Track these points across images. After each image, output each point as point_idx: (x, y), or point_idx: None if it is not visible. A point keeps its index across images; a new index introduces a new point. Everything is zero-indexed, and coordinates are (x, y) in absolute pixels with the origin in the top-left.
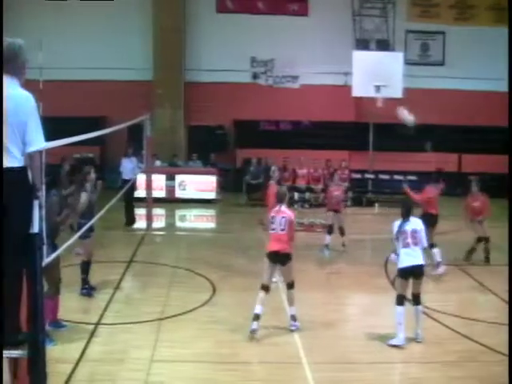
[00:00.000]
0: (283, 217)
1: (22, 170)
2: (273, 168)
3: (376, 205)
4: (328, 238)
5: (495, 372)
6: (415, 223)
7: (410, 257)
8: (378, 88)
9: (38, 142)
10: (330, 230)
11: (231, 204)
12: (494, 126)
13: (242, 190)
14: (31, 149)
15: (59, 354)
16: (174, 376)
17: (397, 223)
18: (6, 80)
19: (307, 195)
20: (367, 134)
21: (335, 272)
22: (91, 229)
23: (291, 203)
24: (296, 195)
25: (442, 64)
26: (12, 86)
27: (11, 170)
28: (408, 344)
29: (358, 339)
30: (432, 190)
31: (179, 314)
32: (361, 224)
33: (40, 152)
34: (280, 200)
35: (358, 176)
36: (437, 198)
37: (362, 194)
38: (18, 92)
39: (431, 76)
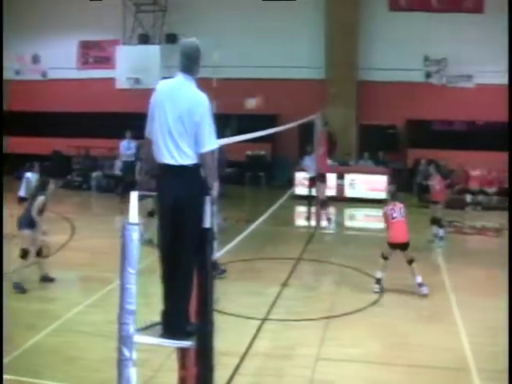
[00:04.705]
0: (400, 207)
1: (193, 168)
2: (431, 169)
3: None
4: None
5: None
6: None
7: None
8: None
9: (211, 143)
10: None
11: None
12: None
13: (412, 191)
14: (203, 150)
15: (226, 346)
16: (341, 375)
17: None
18: (183, 78)
19: (480, 198)
20: None
21: None
22: None
23: (462, 206)
24: (468, 197)
25: None
26: (188, 86)
27: (184, 167)
28: None
29: None
30: None
31: (347, 314)
32: None
33: (212, 152)
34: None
35: None
36: None
37: None
38: (194, 92)
39: None
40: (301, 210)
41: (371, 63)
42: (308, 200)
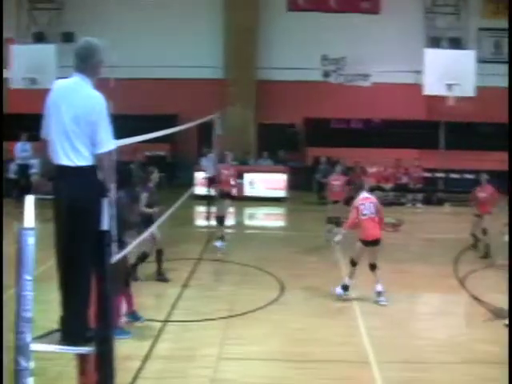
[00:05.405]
0: (371, 202)
1: (90, 169)
2: (337, 168)
3: (446, 204)
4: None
5: None
6: None
7: None
8: (449, 86)
9: (107, 143)
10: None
11: (301, 202)
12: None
13: (312, 189)
14: (100, 150)
15: (127, 350)
16: (242, 373)
17: None
18: (79, 78)
19: (377, 194)
20: (438, 133)
21: (405, 271)
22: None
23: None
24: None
25: None
26: (84, 86)
27: (80, 168)
28: (486, 343)
29: (429, 339)
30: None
31: (248, 312)
32: (431, 223)
33: (109, 153)
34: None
35: (429, 175)
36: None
37: (433, 192)
38: (89, 92)
39: (505, 74)
40: (201, 209)
41: (270, 63)
42: (207, 200)
